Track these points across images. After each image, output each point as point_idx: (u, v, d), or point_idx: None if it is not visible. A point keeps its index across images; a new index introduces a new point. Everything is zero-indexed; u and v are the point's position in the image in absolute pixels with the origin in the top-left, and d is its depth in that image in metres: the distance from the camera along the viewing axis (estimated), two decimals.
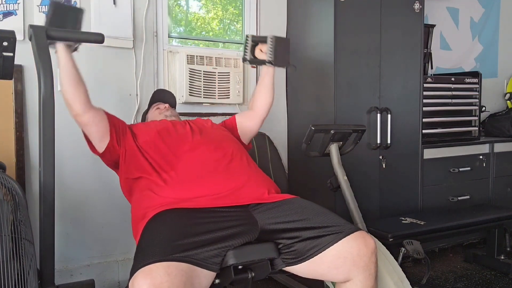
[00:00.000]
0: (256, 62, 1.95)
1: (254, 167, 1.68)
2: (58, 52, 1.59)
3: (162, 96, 2.16)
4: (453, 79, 3.04)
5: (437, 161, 2.85)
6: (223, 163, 1.58)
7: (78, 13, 1.71)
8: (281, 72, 2.85)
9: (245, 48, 1.95)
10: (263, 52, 1.93)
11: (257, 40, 1.94)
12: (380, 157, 2.64)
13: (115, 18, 2.32)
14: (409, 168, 2.76)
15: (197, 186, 1.49)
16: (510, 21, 3.91)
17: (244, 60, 1.96)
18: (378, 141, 2.58)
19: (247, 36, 1.97)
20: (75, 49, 1.68)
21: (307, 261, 1.34)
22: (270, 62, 1.88)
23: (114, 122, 1.70)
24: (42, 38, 1.48)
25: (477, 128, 3.16)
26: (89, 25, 2.28)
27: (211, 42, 2.73)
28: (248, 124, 1.98)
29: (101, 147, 1.67)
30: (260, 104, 1.99)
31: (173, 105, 2.14)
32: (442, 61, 3.54)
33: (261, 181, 1.59)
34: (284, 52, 1.92)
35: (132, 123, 2.38)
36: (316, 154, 1.97)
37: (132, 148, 1.66)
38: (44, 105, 1.44)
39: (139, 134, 1.71)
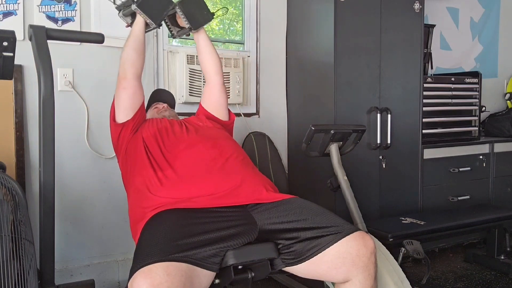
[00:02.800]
0: (183, 32, 1.92)
1: (250, 165, 1.68)
2: (137, 24, 1.79)
3: (161, 96, 2.16)
4: (453, 79, 3.04)
5: (437, 161, 2.85)
6: (219, 162, 1.59)
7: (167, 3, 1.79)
8: (281, 72, 2.85)
9: (168, 28, 1.95)
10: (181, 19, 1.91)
11: (172, 13, 1.89)
12: (380, 157, 2.64)
13: (115, 18, 2.32)
14: (409, 168, 2.76)
15: (195, 186, 1.49)
16: (510, 21, 3.91)
17: (173, 37, 1.98)
18: (378, 141, 2.58)
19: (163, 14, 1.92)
20: (150, 30, 1.85)
21: (306, 262, 1.34)
22: (190, 29, 1.87)
23: (142, 109, 1.81)
24: (42, 38, 1.48)
25: (477, 128, 3.16)
26: (89, 25, 2.28)
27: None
28: (213, 100, 1.94)
29: (120, 118, 1.75)
30: (209, 69, 1.94)
31: (171, 105, 2.14)
32: (442, 61, 3.54)
33: (258, 179, 1.59)
34: (198, 9, 1.87)
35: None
36: (316, 154, 1.97)
37: (138, 141, 1.70)
38: (44, 105, 1.44)
39: (144, 127, 1.76)
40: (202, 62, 1.97)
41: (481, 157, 3.04)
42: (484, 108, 3.23)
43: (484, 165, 3.06)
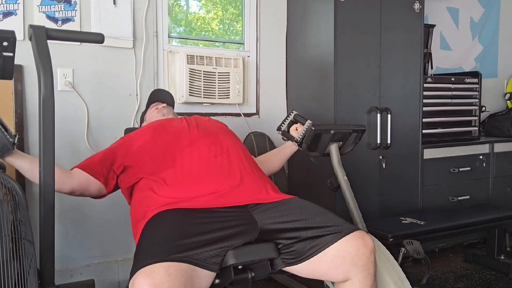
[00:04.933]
0: (286, 136, 2.05)
1: (251, 162, 1.68)
2: (10, 163, 1.54)
3: (160, 96, 2.16)
4: (453, 79, 3.04)
5: (437, 161, 2.85)
6: (220, 159, 1.59)
7: None
8: (281, 72, 2.85)
9: (284, 119, 2.08)
10: (297, 131, 2.00)
11: (298, 120, 2.04)
12: (380, 157, 2.64)
13: (115, 18, 2.32)
14: (409, 168, 2.76)
15: (196, 185, 1.49)
16: (510, 21, 3.91)
17: (278, 129, 2.09)
18: (378, 141, 2.58)
19: (292, 111, 2.09)
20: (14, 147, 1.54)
21: (306, 261, 1.34)
22: (296, 141, 1.97)
23: (97, 171, 1.65)
24: (42, 38, 1.48)
25: (477, 128, 3.16)
26: (89, 25, 2.28)
27: (211, 42, 2.73)
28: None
29: (105, 192, 1.69)
30: (269, 168, 2.04)
31: (170, 104, 2.14)
32: (442, 61, 3.54)
33: (258, 178, 1.60)
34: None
35: (132, 123, 2.39)
36: (316, 154, 1.97)
37: (127, 162, 1.64)
38: (44, 105, 1.43)
39: (134, 140, 1.69)
40: (272, 160, 2.07)
41: (481, 157, 3.04)
42: (484, 108, 3.23)
43: (484, 165, 3.06)
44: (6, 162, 1.51)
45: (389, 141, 2.60)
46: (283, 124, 2.08)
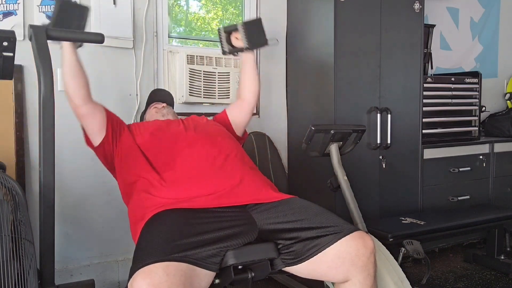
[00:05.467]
0: (235, 50, 2.00)
1: (249, 163, 1.69)
2: (64, 48, 1.66)
3: (159, 96, 2.16)
4: (453, 79, 3.04)
5: (437, 161, 2.85)
6: (218, 161, 1.59)
7: (83, 11, 1.75)
8: (281, 72, 2.85)
9: (221, 42, 2.02)
10: (239, 39, 1.97)
11: (230, 30, 2.00)
12: (380, 157, 2.64)
13: (115, 18, 2.32)
14: (409, 168, 2.76)
15: (194, 185, 1.49)
16: (510, 21, 3.91)
17: (223, 53, 2.02)
18: (378, 141, 2.58)
19: (218, 29, 2.05)
20: (80, 45, 1.75)
21: (306, 261, 1.34)
22: (247, 48, 1.93)
23: (112, 119, 1.75)
24: (42, 38, 1.48)
25: (477, 128, 3.16)
26: (89, 25, 2.27)
27: (211, 42, 2.73)
28: (240, 116, 2.01)
29: (96, 141, 1.72)
30: (247, 92, 2.02)
31: (170, 103, 2.14)
32: (442, 61, 3.54)
33: (257, 179, 1.60)
34: (258, 33, 1.97)
35: (132, 123, 2.39)
36: (316, 154, 1.97)
37: (130, 147, 1.68)
38: (44, 105, 1.44)
39: (136, 134, 1.74)
40: (244, 80, 2.03)
41: (481, 157, 3.04)
42: (484, 108, 3.23)
43: (484, 165, 3.06)
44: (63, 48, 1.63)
45: (389, 141, 2.60)
46: (223, 46, 2.03)
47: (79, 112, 1.68)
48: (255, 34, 1.96)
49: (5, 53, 1.40)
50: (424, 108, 2.80)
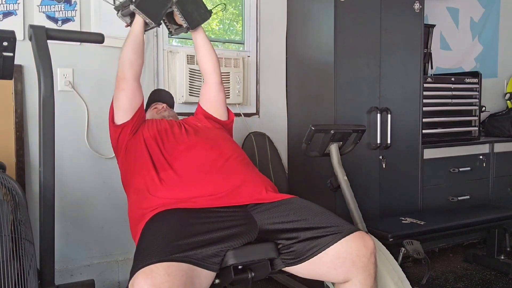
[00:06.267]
0: (182, 31, 1.93)
1: (250, 165, 1.69)
2: (136, 24, 1.77)
3: (160, 96, 2.16)
4: (453, 79, 3.04)
5: (437, 161, 2.85)
6: (219, 163, 1.59)
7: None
8: (281, 72, 2.85)
9: (166, 26, 1.97)
10: (177, 19, 1.91)
11: (166, 11, 1.88)
12: (380, 157, 2.64)
13: (115, 18, 2.32)
14: (409, 168, 2.76)
15: (195, 186, 1.49)
16: (510, 21, 3.91)
17: (170, 35, 1.99)
18: (378, 141, 2.58)
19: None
20: (149, 29, 1.83)
21: (306, 262, 1.34)
22: (187, 28, 1.88)
23: (141, 112, 1.80)
24: (42, 38, 1.48)
25: (477, 128, 3.16)
26: (89, 25, 2.28)
27: (211, 42, 2.72)
28: (211, 98, 1.94)
29: (119, 119, 1.74)
30: (206, 67, 1.94)
31: (171, 105, 2.14)
32: (442, 61, 3.54)
33: (258, 180, 1.59)
34: (195, 8, 1.87)
35: None
36: (316, 154, 1.97)
37: (139, 143, 1.69)
38: (44, 105, 1.44)
39: (144, 128, 1.75)
40: (200, 60, 1.97)
41: (481, 157, 3.04)
42: (484, 108, 3.23)
43: (484, 165, 3.06)
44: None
45: (389, 141, 2.60)
46: (169, 29, 1.96)
47: (123, 84, 1.72)
48: (193, 11, 1.85)
49: (5, 53, 1.40)
50: (424, 108, 2.80)
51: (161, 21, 1.87)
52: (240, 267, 1.33)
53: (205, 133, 1.78)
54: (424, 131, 2.81)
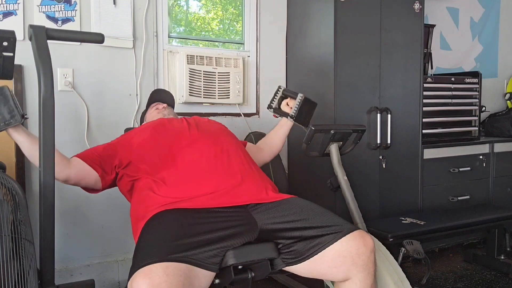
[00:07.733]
0: (279, 113, 2.02)
1: (251, 163, 1.68)
2: (11, 137, 1.51)
3: (160, 96, 2.15)
4: (453, 79, 3.04)
5: (437, 161, 2.85)
6: (220, 159, 1.58)
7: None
8: (281, 72, 2.85)
9: (273, 97, 2.03)
10: (289, 106, 1.99)
11: (287, 94, 2.01)
12: (380, 157, 2.64)
13: (115, 18, 2.32)
14: (409, 168, 2.76)
15: (196, 184, 1.49)
16: (510, 21, 3.91)
17: (269, 107, 2.04)
18: (378, 141, 2.58)
19: (279, 87, 2.05)
20: (22, 123, 1.50)
21: (306, 261, 1.34)
22: (292, 117, 1.96)
23: (96, 162, 1.62)
24: (42, 38, 1.48)
25: (477, 128, 3.16)
26: (89, 25, 2.28)
27: (211, 42, 2.73)
28: (255, 158, 1.90)
29: (97, 187, 1.65)
30: (269, 150, 2.05)
31: (171, 104, 2.14)
32: (442, 61, 3.54)
33: (258, 178, 1.59)
34: (308, 113, 1.99)
35: (132, 123, 2.39)
36: (316, 154, 1.97)
37: (129, 155, 1.63)
38: (44, 105, 1.43)
39: (134, 138, 1.68)
40: (271, 141, 2.06)
41: (481, 157, 3.04)
42: (484, 108, 3.23)
43: (484, 165, 3.06)
44: (9, 134, 1.48)
45: (389, 141, 2.60)
46: (273, 102, 2.03)
47: (70, 183, 1.60)
48: (306, 112, 1.97)
49: (5, 53, 1.40)
50: (424, 108, 2.80)
51: (276, 95, 2.04)
52: (240, 267, 1.33)
53: (207, 127, 1.77)
54: (424, 131, 2.81)
